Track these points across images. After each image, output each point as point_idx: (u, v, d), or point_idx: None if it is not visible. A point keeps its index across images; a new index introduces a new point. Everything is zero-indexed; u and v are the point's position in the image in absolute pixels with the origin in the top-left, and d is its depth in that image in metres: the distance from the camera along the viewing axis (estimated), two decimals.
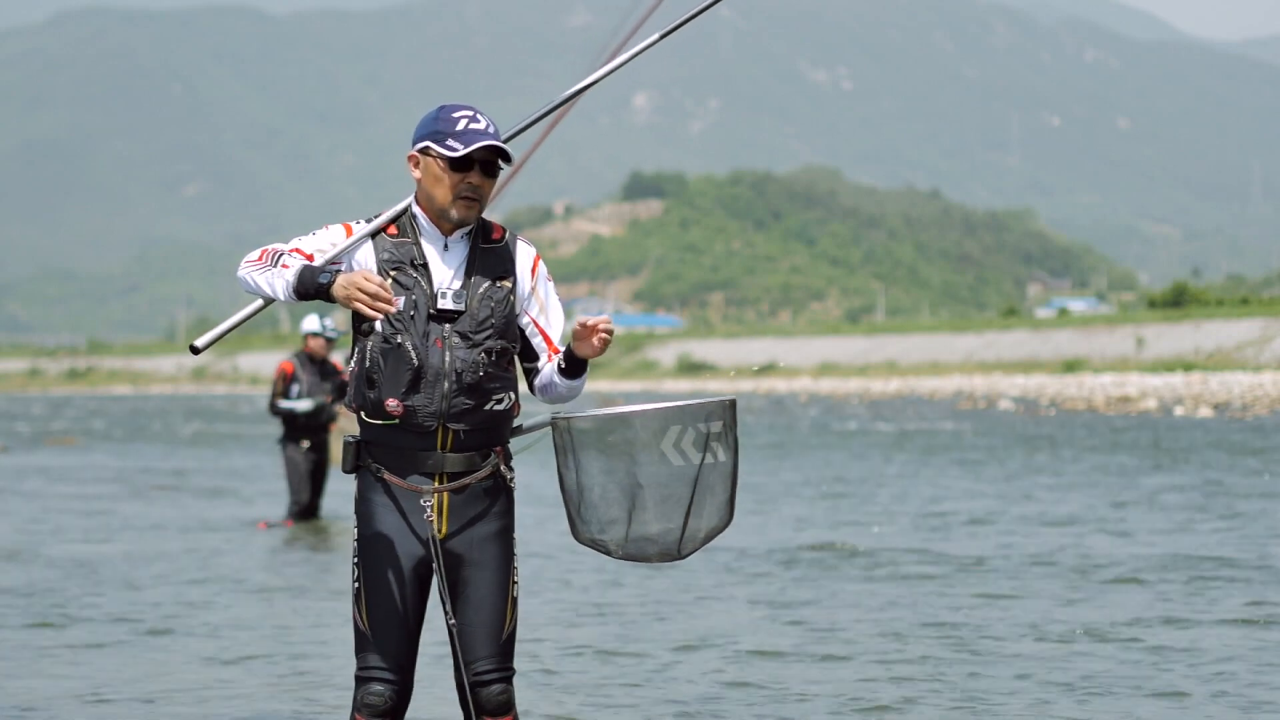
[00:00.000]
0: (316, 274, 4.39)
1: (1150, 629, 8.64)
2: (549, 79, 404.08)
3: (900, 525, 14.36)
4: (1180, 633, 8.53)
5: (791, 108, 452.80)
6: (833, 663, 7.78)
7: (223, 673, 7.63)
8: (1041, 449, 26.58)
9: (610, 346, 4.53)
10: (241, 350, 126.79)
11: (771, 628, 8.86)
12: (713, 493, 4.50)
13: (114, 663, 7.89)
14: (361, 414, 4.53)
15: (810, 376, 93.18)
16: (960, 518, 14.96)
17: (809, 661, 7.82)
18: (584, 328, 4.46)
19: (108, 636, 8.65)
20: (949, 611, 9.30)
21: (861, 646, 8.19)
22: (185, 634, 8.75)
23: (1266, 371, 60.41)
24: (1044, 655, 7.91)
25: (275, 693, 7.17)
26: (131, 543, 13.33)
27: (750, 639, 8.45)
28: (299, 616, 9.37)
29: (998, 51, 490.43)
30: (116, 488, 19.90)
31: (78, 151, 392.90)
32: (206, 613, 9.49)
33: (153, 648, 8.32)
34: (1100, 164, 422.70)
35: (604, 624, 9.01)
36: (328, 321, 14.24)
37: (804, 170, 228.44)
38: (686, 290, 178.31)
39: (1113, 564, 11.36)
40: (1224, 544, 12.55)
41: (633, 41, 5.18)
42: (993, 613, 9.24)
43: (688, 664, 7.79)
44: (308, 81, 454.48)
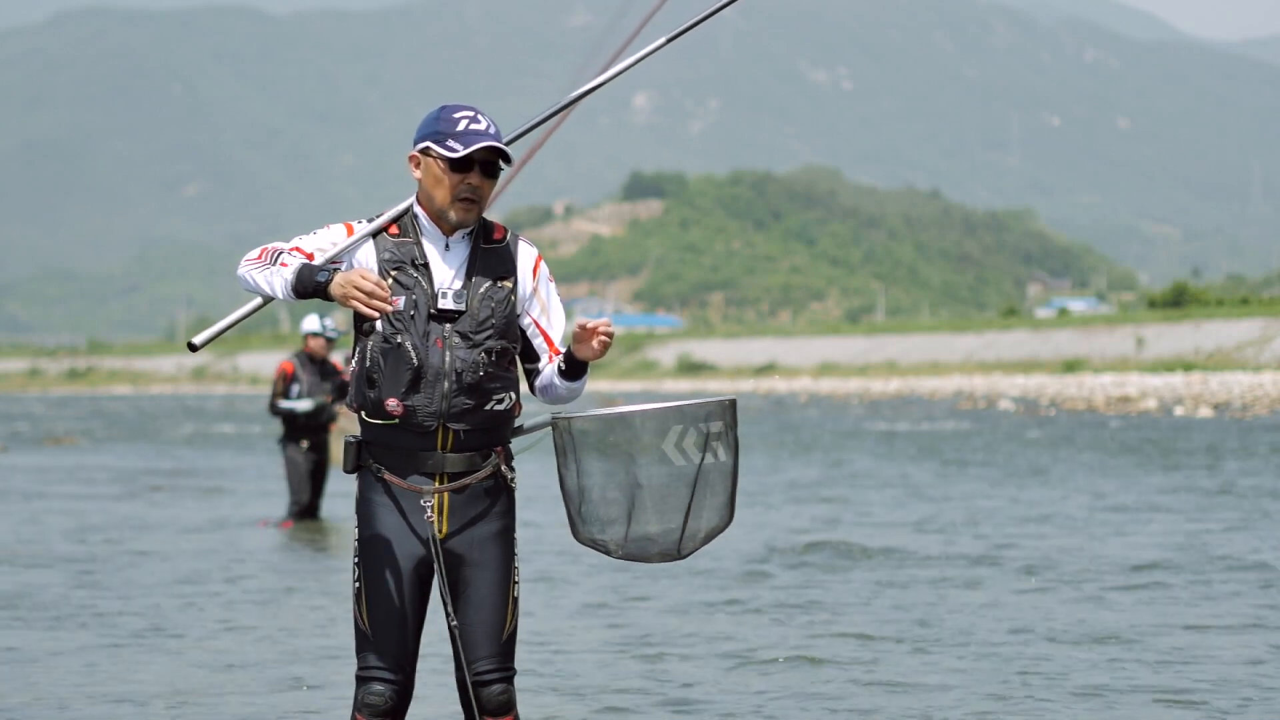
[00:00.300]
0: (315, 272, 4.38)
1: (1153, 629, 8.63)
2: (549, 79, 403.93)
3: (900, 525, 14.36)
4: (1189, 636, 8.52)
5: (791, 108, 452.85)
6: (834, 662, 7.78)
7: (222, 673, 7.63)
8: (1041, 449, 26.57)
9: (610, 347, 4.53)
10: (241, 350, 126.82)
11: (772, 629, 8.84)
12: (713, 492, 4.50)
13: (112, 663, 7.88)
14: (362, 414, 4.52)
15: (810, 376, 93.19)
16: (960, 518, 14.95)
17: (810, 661, 7.81)
18: (584, 330, 4.46)
19: (106, 637, 8.64)
20: (949, 614, 9.30)
21: (861, 647, 8.19)
22: (185, 634, 8.74)
23: (1266, 371, 60.41)
24: (1047, 655, 7.90)
25: (276, 693, 7.17)
26: (130, 543, 13.32)
27: (749, 640, 8.45)
28: (299, 616, 9.36)
29: (998, 51, 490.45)
30: (116, 488, 19.90)
31: (78, 151, 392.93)
32: (206, 613, 9.48)
33: (151, 648, 8.31)
34: (1100, 164, 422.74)
35: (605, 623, 9.00)
36: (328, 321, 14.24)
37: (804, 170, 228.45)
38: (686, 290, 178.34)
39: (1113, 564, 11.36)
40: (1226, 544, 12.54)
41: (635, 43, 5.18)
42: (992, 613, 9.23)
43: (688, 664, 7.79)
44: (308, 81, 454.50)
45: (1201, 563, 11.36)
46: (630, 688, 7.22)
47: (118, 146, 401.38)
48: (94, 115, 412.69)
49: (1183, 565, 11.23)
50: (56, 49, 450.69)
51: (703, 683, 7.32)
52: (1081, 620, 8.90)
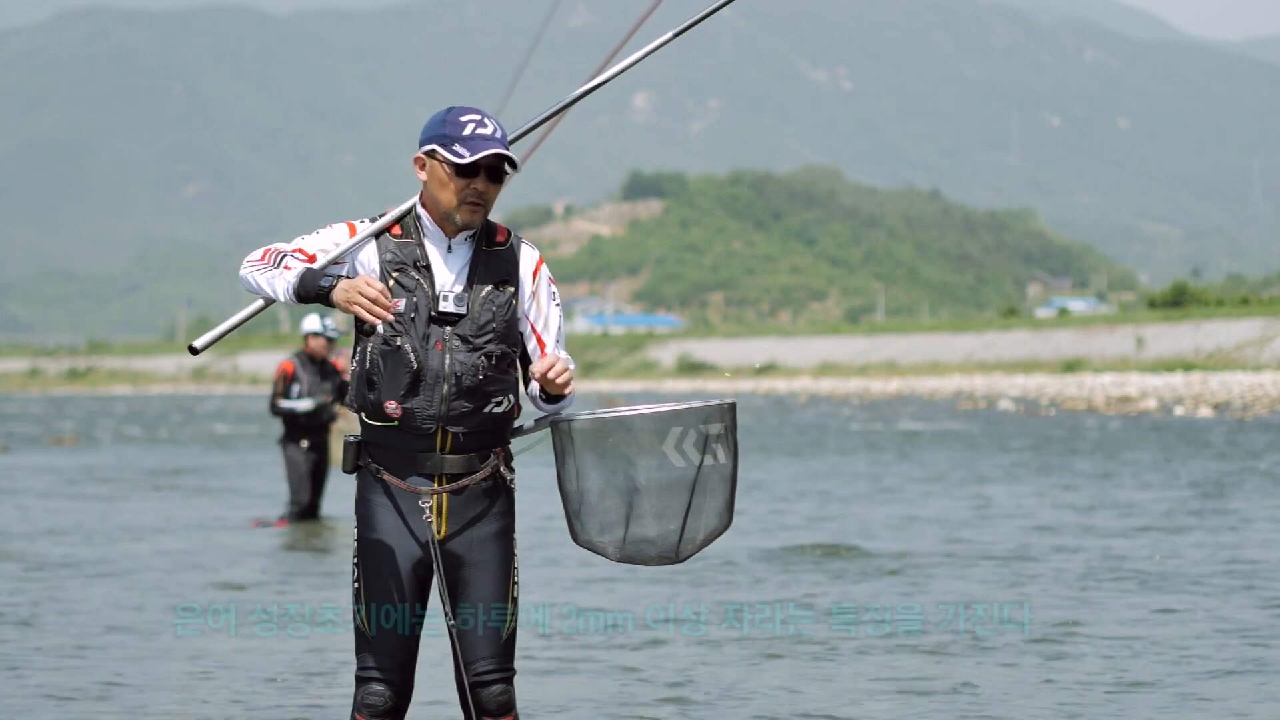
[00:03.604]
0: (318, 278, 4.39)
1: (1151, 630, 8.64)
2: (549, 79, 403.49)
3: (898, 525, 14.36)
4: (1183, 628, 8.53)
5: (791, 108, 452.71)
6: (831, 663, 7.78)
7: (222, 673, 7.63)
8: (1041, 449, 26.56)
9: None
10: (241, 350, 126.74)
11: (770, 628, 8.85)
12: (712, 495, 4.50)
13: (112, 664, 7.89)
14: (362, 415, 4.53)
15: (810, 376, 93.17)
16: (959, 518, 14.95)
17: (808, 662, 7.82)
18: (542, 378, 4.45)
19: (104, 637, 8.64)
20: (945, 611, 9.30)
21: (860, 648, 8.19)
22: (184, 634, 8.75)
23: (1266, 371, 60.39)
24: (1044, 656, 7.90)
25: (275, 693, 7.17)
26: (129, 543, 13.33)
27: (751, 639, 8.45)
28: (299, 616, 9.36)
29: (998, 51, 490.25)
30: (115, 488, 19.90)
31: (78, 151, 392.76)
32: (205, 613, 9.48)
33: (150, 648, 8.32)
34: (1100, 164, 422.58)
35: (606, 625, 9.01)
36: (328, 321, 14.24)
37: (804, 170, 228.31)
38: (686, 290, 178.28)
39: (1115, 565, 11.36)
40: (1229, 544, 12.55)
41: (634, 43, 5.17)
42: (994, 613, 9.22)
43: (689, 665, 7.79)
44: (308, 81, 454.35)
45: (1203, 563, 11.37)
46: (631, 689, 7.23)
47: (118, 146, 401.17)
48: (94, 115, 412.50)
49: (1186, 565, 11.22)
50: (56, 49, 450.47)
51: (704, 681, 7.33)
52: (1079, 619, 8.89)
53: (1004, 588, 10.25)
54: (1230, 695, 6.99)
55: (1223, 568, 11.12)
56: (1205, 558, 11.69)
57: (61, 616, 9.35)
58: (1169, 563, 11.41)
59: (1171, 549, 12.26)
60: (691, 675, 7.52)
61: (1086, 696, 7.00)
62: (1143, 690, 7.11)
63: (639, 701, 6.99)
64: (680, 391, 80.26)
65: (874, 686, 7.24)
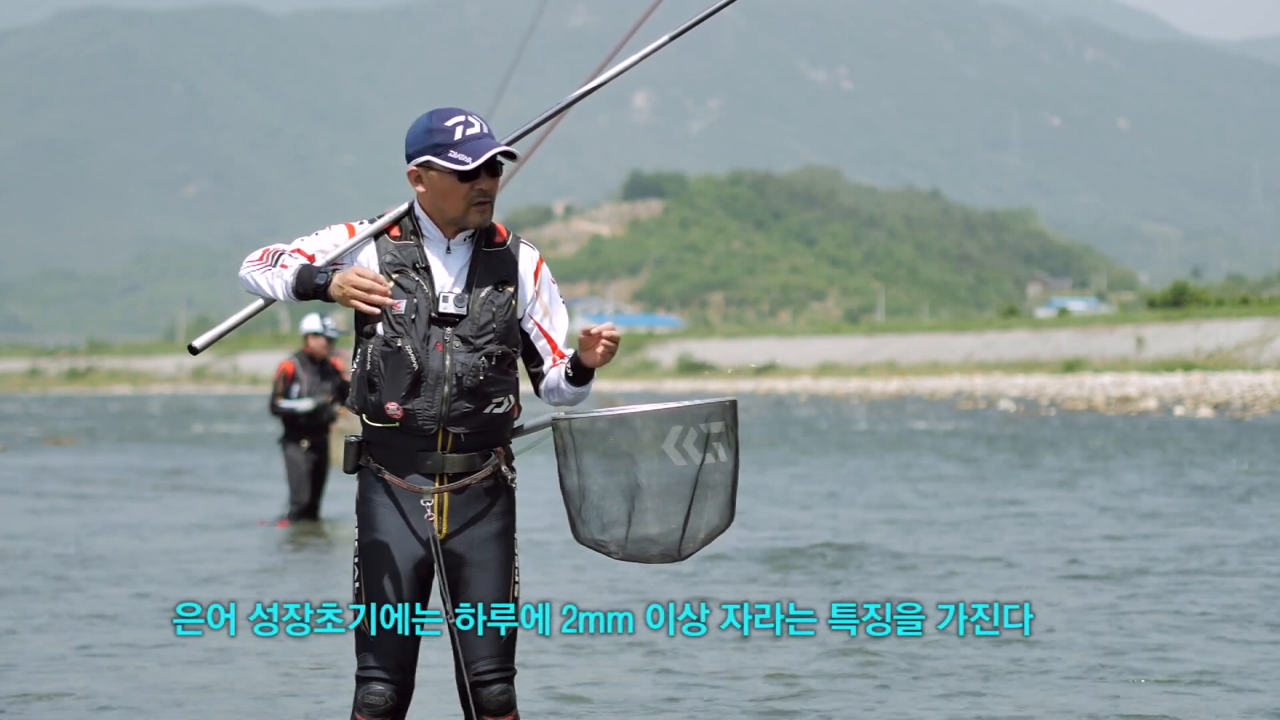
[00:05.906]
0: (315, 274, 4.39)
1: (1157, 629, 8.64)
2: (549, 79, 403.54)
3: (899, 525, 14.36)
4: (1188, 633, 8.53)
5: (791, 108, 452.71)
6: (833, 661, 7.78)
7: (222, 673, 7.63)
8: (1041, 449, 26.56)
9: (615, 352, 4.53)
10: (241, 350, 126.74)
11: (770, 628, 8.84)
12: (714, 493, 4.51)
13: (111, 664, 7.88)
14: (363, 416, 4.53)
15: (810, 376, 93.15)
16: (959, 518, 14.95)
17: (808, 658, 7.82)
18: (588, 336, 4.47)
19: (104, 637, 8.64)
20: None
21: (860, 647, 8.19)
22: (183, 634, 8.74)
23: (1266, 371, 60.38)
24: (1044, 656, 7.91)
25: (275, 693, 7.17)
26: (129, 543, 13.33)
27: (751, 639, 8.45)
28: (299, 616, 9.34)
29: (998, 51, 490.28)
30: (114, 487, 19.90)
31: (78, 151, 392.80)
32: (205, 613, 9.46)
33: (150, 649, 8.31)
34: (1100, 164, 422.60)
35: (606, 625, 8.99)
36: (328, 321, 14.24)
37: (804, 170, 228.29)
38: (686, 290, 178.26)
39: (1115, 565, 11.36)
40: (1227, 544, 12.55)
41: (634, 43, 5.17)
42: (994, 613, 9.22)
43: (689, 664, 7.79)
44: (308, 81, 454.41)
45: (1204, 562, 11.36)
46: (631, 688, 7.23)
47: (118, 146, 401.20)
48: (94, 115, 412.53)
49: (1185, 566, 11.22)
50: (56, 49, 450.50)
51: (705, 682, 7.32)
52: (1083, 619, 8.89)
53: (1004, 588, 10.25)
54: (1213, 696, 6.99)
55: (1215, 561, 11.11)
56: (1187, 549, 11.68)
57: (61, 617, 9.34)
58: (1169, 563, 11.41)
59: (1179, 544, 12.26)
60: (692, 675, 7.51)
61: (1086, 695, 7.00)
62: (1138, 687, 7.11)
63: (639, 701, 7.00)
64: (680, 392, 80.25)
65: (874, 686, 7.24)
